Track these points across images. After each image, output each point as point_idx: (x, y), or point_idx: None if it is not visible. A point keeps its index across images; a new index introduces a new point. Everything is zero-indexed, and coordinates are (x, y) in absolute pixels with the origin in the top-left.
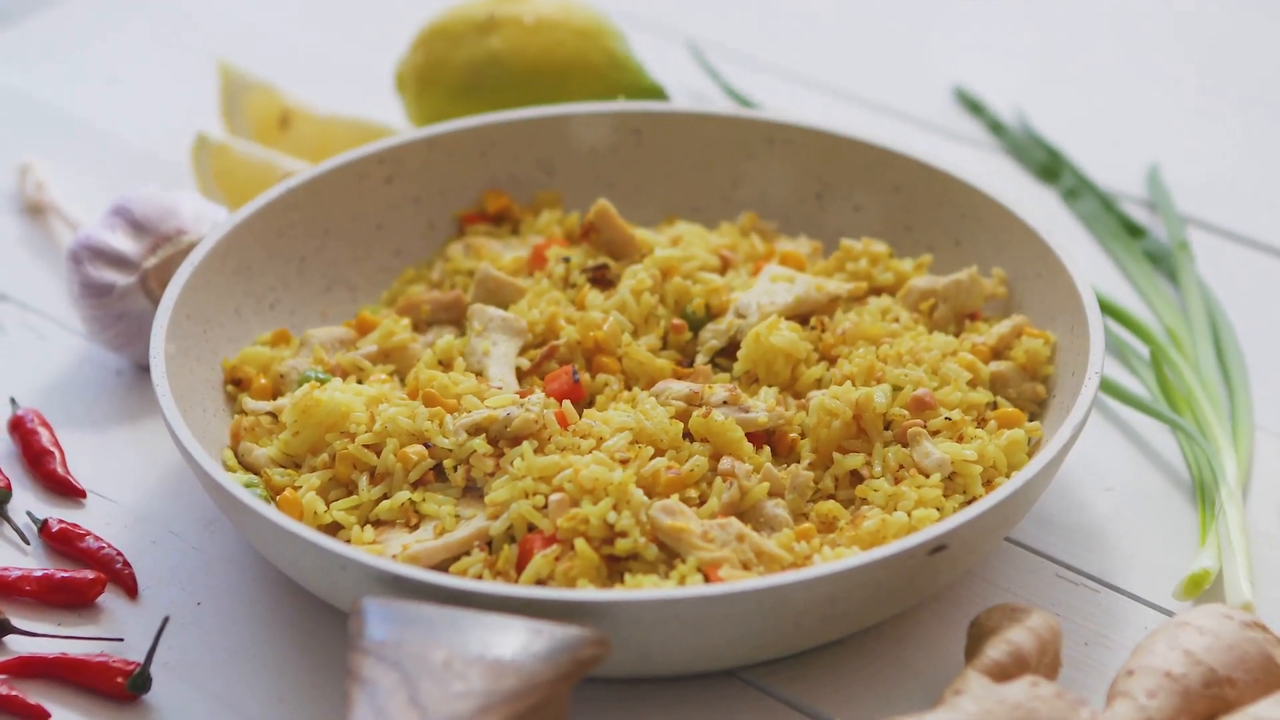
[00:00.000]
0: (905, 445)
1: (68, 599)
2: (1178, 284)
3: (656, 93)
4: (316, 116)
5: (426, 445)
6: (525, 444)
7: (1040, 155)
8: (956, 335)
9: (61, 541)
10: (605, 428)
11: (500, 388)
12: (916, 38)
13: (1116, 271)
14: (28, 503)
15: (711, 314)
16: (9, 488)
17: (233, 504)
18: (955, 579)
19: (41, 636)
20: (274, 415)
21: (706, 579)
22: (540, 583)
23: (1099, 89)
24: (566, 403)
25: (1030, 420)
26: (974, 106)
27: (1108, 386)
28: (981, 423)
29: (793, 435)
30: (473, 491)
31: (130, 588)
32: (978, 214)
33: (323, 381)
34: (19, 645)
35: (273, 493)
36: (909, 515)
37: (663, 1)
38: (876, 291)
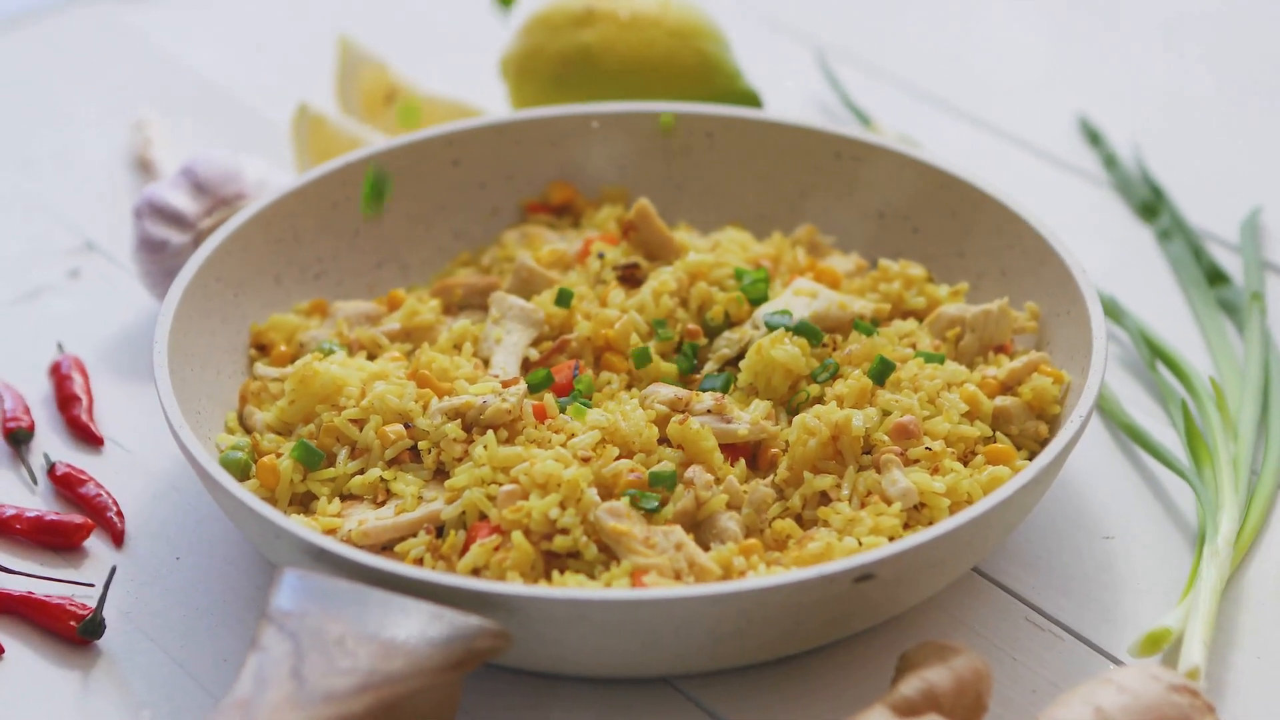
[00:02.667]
0: (879, 471)
1: (54, 541)
2: (1244, 335)
3: (751, 99)
4: (419, 95)
5: (406, 425)
6: (490, 433)
7: (1144, 192)
8: (974, 366)
9: (64, 485)
10: (580, 424)
11: (498, 375)
12: (1050, 65)
13: (1190, 317)
14: (51, 445)
15: (731, 322)
16: (31, 429)
17: (191, 461)
18: (904, 610)
19: (17, 574)
20: (282, 382)
21: (632, 584)
22: (475, 571)
23: (1222, 130)
24: (548, 396)
25: (1031, 459)
26: (1094, 138)
27: (1133, 432)
28: (969, 456)
29: (774, 451)
30: (442, 475)
31: (116, 536)
32: (1024, 245)
33: (328, 353)
34: None
35: (258, 457)
36: (859, 542)
37: (802, 8)
38: (905, 315)
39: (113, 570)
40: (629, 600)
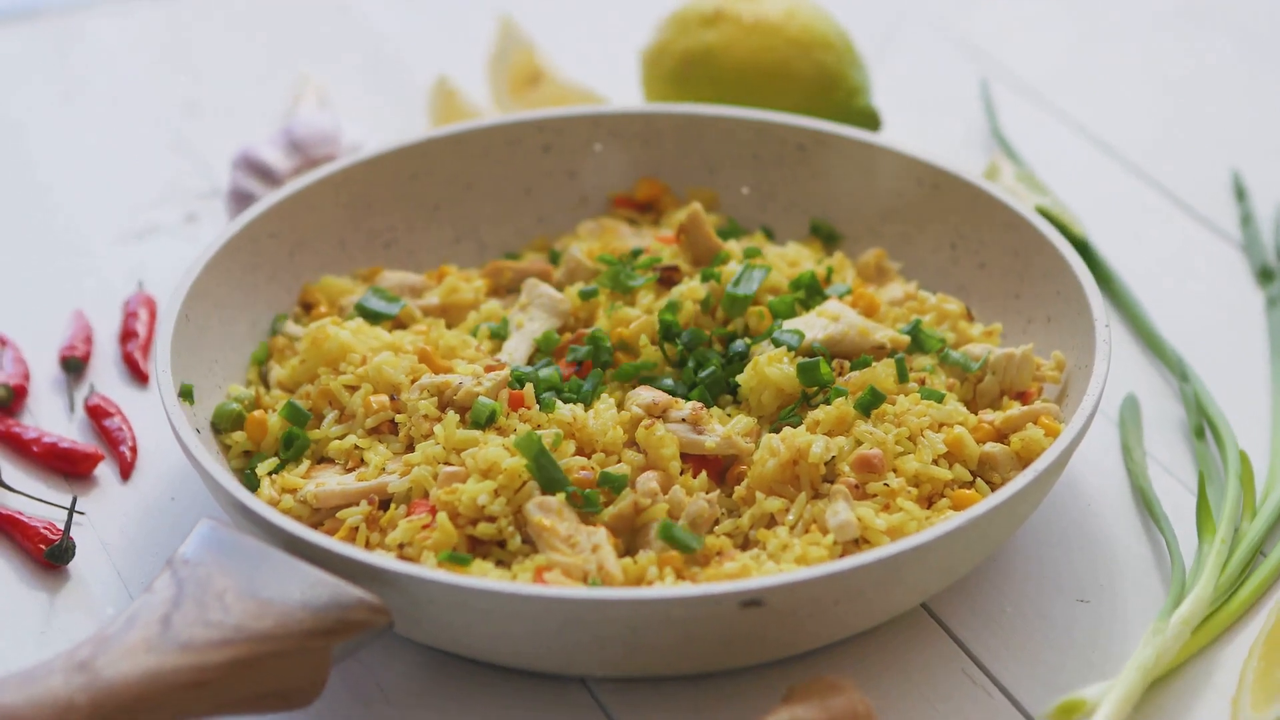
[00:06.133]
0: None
1: (64, 467)
2: None
3: (868, 116)
4: (556, 81)
5: (392, 398)
6: (450, 414)
7: (1267, 256)
8: (979, 409)
9: (92, 415)
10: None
11: (500, 359)
12: (1227, 117)
13: (1268, 390)
14: (104, 377)
15: (750, 335)
16: (85, 359)
17: (161, 402)
18: (832, 641)
19: (15, 492)
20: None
21: (534, 578)
22: (401, 547)
23: None
24: (528, 386)
25: None
26: (1240, 194)
27: (1145, 495)
28: (936, 498)
29: (742, 468)
30: (412, 450)
31: (124, 469)
32: (1069, 294)
33: (351, 318)
34: None
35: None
36: (779, 568)
37: (987, 33)
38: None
39: (74, 500)
40: (504, 593)
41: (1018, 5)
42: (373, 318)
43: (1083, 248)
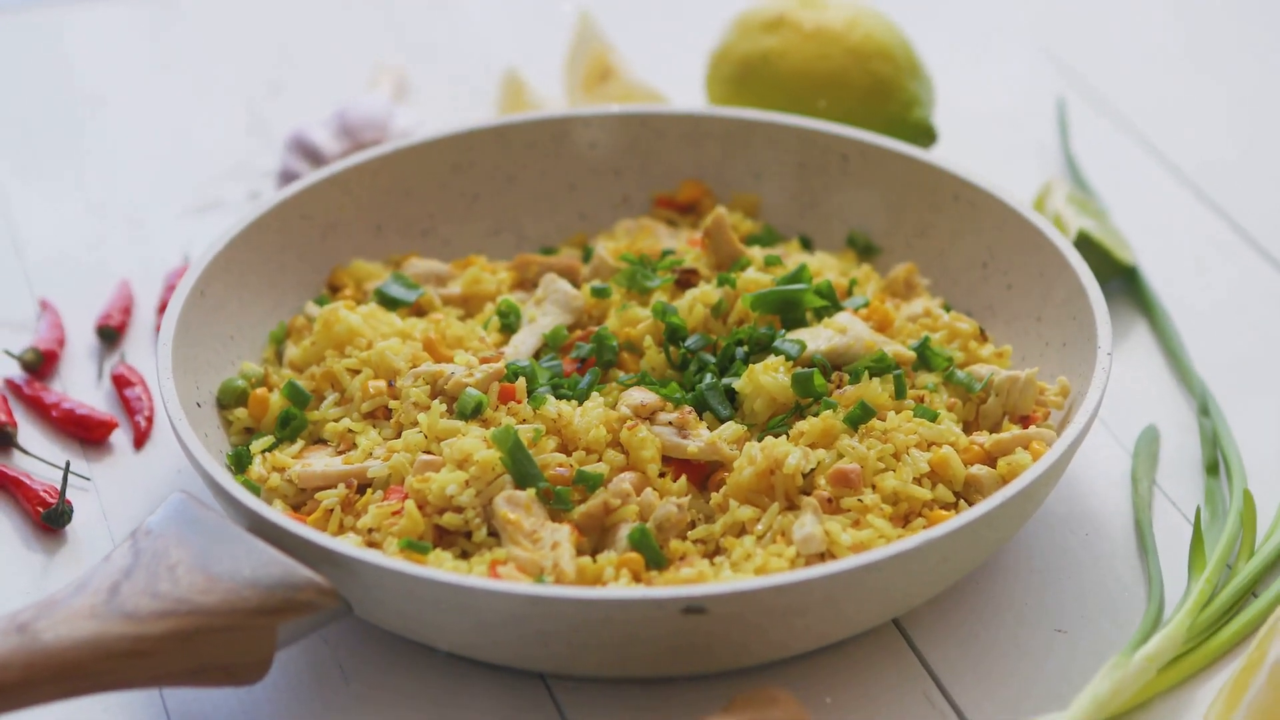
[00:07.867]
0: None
1: (79, 433)
2: None
3: (922, 129)
4: (624, 79)
5: (390, 384)
6: (436, 403)
7: None
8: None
9: (116, 383)
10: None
11: (505, 352)
12: None
13: None
14: (136, 346)
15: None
16: (120, 328)
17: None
18: (790, 654)
19: (27, 454)
20: None
21: (489, 572)
22: (370, 532)
23: None
24: (521, 380)
25: None
26: None
27: (1141, 529)
28: (913, 517)
29: (724, 475)
30: None
31: (138, 438)
32: (1083, 320)
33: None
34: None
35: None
36: (735, 576)
37: (1074, 47)
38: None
39: (67, 464)
40: (448, 583)
41: (1110, 23)
42: (390, 304)
43: (1130, 275)
